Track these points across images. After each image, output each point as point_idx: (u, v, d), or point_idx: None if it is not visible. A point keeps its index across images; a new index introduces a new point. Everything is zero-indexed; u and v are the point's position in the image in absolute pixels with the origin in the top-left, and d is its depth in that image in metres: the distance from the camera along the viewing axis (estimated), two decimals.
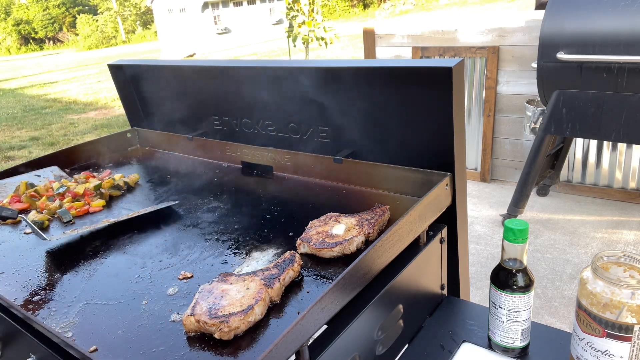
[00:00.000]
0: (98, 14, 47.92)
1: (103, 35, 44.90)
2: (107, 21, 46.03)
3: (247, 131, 1.73)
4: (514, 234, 0.98)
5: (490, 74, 3.85)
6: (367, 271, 0.93)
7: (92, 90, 13.39)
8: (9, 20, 49.68)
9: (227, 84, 1.68)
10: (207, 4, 26.08)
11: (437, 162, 1.27)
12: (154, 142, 2.05)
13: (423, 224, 1.14)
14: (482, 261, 3.05)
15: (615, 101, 2.64)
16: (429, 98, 1.21)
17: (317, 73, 1.40)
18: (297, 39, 9.36)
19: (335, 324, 0.93)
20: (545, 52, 2.76)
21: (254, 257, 1.13)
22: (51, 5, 51.01)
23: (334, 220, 1.18)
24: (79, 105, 11.31)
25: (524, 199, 3.25)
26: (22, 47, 49.71)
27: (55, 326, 0.93)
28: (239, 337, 0.85)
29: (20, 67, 25.41)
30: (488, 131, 4.03)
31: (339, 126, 1.47)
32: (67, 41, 49.95)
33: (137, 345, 0.87)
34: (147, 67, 1.92)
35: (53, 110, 10.83)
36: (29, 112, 10.71)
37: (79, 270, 1.14)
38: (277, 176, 1.63)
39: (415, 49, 4.15)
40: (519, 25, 3.64)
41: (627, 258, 0.90)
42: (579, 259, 2.95)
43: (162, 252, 1.20)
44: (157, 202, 1.52)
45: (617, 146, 3.56)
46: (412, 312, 1.17)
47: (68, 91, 13.74)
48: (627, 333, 0.85)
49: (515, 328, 1.03)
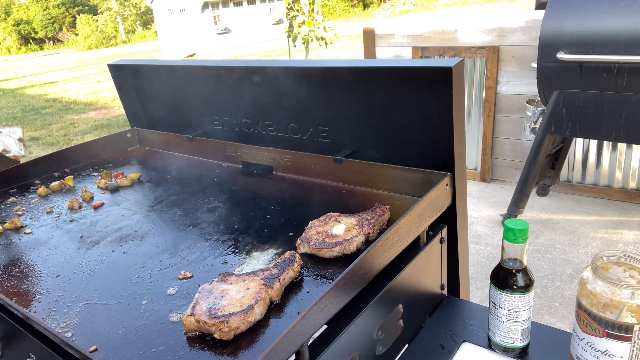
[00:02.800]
0: (98, 14, 47.90)
1: (103, 35, 44.89)
2: (107, 21, 46.02)
3: (247, 131, 1.73)
4: (514, 234, 0.98)
5: (490, 74, 3.85)
6: (367, 271, 0.93)
7: (92, 90, 13.39)
8: (9, 20, 49.66)
9: (227, 84, 1.67)
10: (207, 4, 26.07)
11: (437, 162, 1.27)
12: (154, 142, 2.05)
13: (423, 224, 1.14)
14: (482, 261, 3.05)
15: (615, 101, 2.63)
16: (429, 98, 1.20)
17: (317, 73, 1.40)
18: (297, 39, 9.36)
19: (335, 324, 0.93)
20: (545, 52, 2.76)
21: (254, 257, 1.13)
22: (51, 5, 50.99)
23: (334, 220, 1.18)
24: (79, 105, 11.31)
25: (524, 199, 3.25)
26: (22, 47, 49.70)
27: (55, 326, 0.93)
28: (239, 337, 0.86)
29: (20, 67, 25.41)
30: (488, 131, 4.03)
31: (339, 126, 1.47)
32: (67, 41, 49.94)
33: (137, 345, 0.87)
34: (147, 67, 1.92)
35: (53, 110, 10.83)
36: (29, 112, 10.71)
37: (79, 270, 1.14)
38: (277, 176, 1.63)
39: (415, 49, 4.15)
40: (519, 25, 3.64)
41: (627, 258, 0.90)
42: (579, 259, 2.95)
43: (162, 252, 1.20)
44: (157, 202, 1.52)
45: (617, 146, 3.56)
46: (412, 312, 1.17)
47: (68, 91, 13.74)
48: (627, 333, 0.85)
49: (515, 328, 1.03)
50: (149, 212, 1.45)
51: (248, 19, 27.66)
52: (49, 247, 1.27)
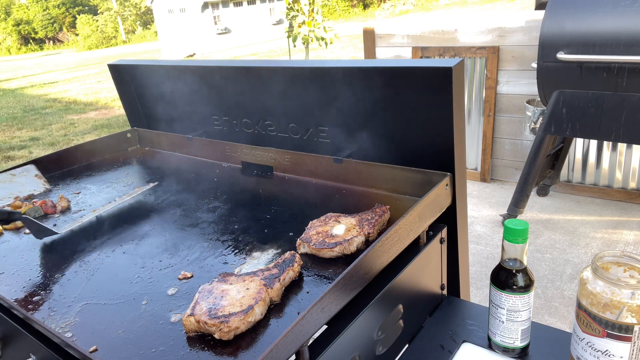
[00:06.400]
0: (98, 14, 47.92)
1: (103, 35, 44.91)
2: (107, 21, 46.03)
3: (247, 131, 1.73)
4: (514, 234, 0.98)
5: (490, 74, 3.85)
6: (367, 271, 0.93)
7: (92, 90, 13.39)
8: (9, 20, 49.67)
9: (226, 83, 1.67)
10: (207, 4, 26.08)
11: (437, 162, 1.27)
12: (154, 142, 2.05)
13: (423, 224, 1.14)
14: (482, 261, 3.05)
15: (615, 101, 2.63)
16: (429, 98, 1.20)
17: (317, 73, 1.40)
18: (297, 39, 9.36)
19: (335, 324, 0.93)
20: (545, 52, 2.76)
21: (254, 257, 1.13)
22: (51, 5, 51.00)
23: (334, 220, 1.18)
24: (79, 105, 11.31)
25: (524, 199, 3.25)
26: (22, 47, 49.70)
27: (55, 326, 0.93)
28: (239, 337, 0.85)
29: (20, 67, 25.42)
30: (488, 131, 4.03)
31: (339, 126, 1.47)
32: (67, 41, 49.94)
33: (137, 346, 0.87)
34: (147, 67, 1.92)
35: (53, 110, 10.83)
36: (29, 112, 10.71)
37: (79, 270, 1.14)
38: (277, 176, 1.63)
39: (415, 49, 4.15)
40: (519, 25, 3.64)
41: (627, 258, 0.90)
42: (579, 259, 2.95)
43: (162, 252, 1.20)
44: (157, 202, 1.52)
45: (617, 146, 3.56)
46: (412, 312, 1.17)
47: (68, 91, 13.74)
48: (627, 333, 0.85)
49: (515, 328, 1.03)
50: (149, 212, 1.45)
51: (248, 19, 27.67)
52: (49, 247, 1.27)
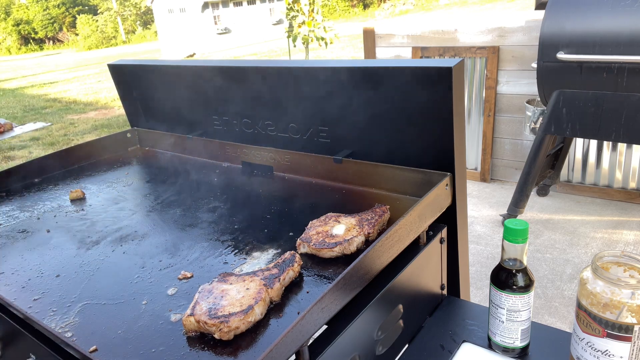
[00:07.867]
0: (98, 14, 47.89)
1: (103, 35, 44.89)
2: (107, 21, 46.01)
3: (247, 131, 1.73)
4: (514, 234, 0.98)
5: (490, 74, 3.85)
6: (367, 271, 0.93)
7: (92, 90, 13.39)
8: (9, 20, 49.64)
9: (227, 84, 1.67)
10: (207, 4, 26.08)
11: (437, 162, 1.27)
12: (154, 142, 2.05)
13: (423, 224, 1.14)
14: (482, 261, 3.05)
15: (615, 101, 2.63)
16: (429, 98, 1.20)
17: (317, 73, 1.40)
18: (297, 39, 9.36)
19: (335, 324, 0.93)
20: (545, 52, 2.76)
21: (254, 257, 1.13)
22: (51, 5, 50.97)
23: (334, 220, 1.18)
24: (79, 105, 11.31)
25: (524, 199, 3.25)
26: (22, 47, 49.68)
27: (55, 326, 0.93)
28: (239, 337, 0.85)
29: (20, 67, 25.41)
30: (488, 131, 4.03)
31: (339, 126, 1.47)
32: (67, 41, 49.92)
33: (137, 345, 0.87)
34: (147, 67, 1.92)
35: (53, 110, 10.83)
36: (29, 112, 10.71)
37: (79, 270, 1.14)
38: (277, 176, 1.63)
39: (415, 49, 4.15)
40: (519, 25, 3.64)
41: (627, 258, 0.90)
42: (579, 259, 2.95)
43: (162, 252, 1.20)
44: (157, 202, 1.52)
45: (617, 146, 3.56)
46: (412, 312, 1.17)
47: (68, 91, 13.74)
48: (627, 333, 0.85)
49: (515, 328, 1.03)
50: (149, 212, 1.45)
51: (248, 19, 27.67)
52: (49, 247, 1.27)
